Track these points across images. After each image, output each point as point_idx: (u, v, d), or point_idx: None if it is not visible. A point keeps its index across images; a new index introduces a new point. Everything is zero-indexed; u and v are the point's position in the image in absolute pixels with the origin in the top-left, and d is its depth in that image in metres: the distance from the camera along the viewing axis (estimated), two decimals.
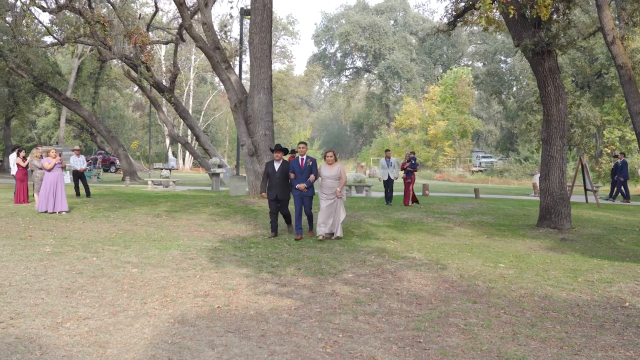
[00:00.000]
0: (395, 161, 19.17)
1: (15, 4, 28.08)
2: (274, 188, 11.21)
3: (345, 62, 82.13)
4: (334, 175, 10.94)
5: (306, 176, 11.09)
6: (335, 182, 10.93)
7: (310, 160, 11.21)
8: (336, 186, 10.89)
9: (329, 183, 10.96)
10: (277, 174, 11.19)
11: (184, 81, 63.64)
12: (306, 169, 11.12)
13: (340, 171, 10.99)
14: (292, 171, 11.18)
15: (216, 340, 5.16)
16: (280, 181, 11.19)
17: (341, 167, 11.09)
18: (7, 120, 42.66)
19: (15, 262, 8.35)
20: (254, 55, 18.80)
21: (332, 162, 11.06)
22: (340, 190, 10.89)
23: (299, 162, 11.23)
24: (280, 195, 11.21)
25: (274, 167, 11.28)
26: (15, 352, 4.74)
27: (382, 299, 6.73)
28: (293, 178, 11.17)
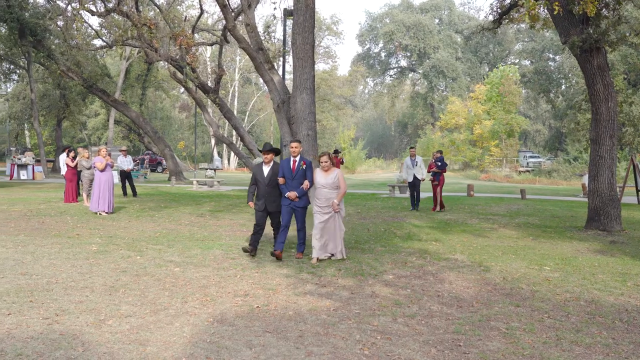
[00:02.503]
0: (421, 160, 17.57)
1: (66, 8, 28.84)
2: (262, 197, 9.20)
3: (390, 62, 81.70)
4: (330, 184, 8.97)
5: (299, 182, 9.02)
6: (332, 191, 9.00)
7: (304, 162, 9.10)
8: (333, 197, 8.98)
9: (324, 193, 8.99)
10: (267, 180, 9.14)
11: (229, 82, 64.34)
12: (299, 173, 9.03)
13: (338, 179, 9.03)
14: (282, 175, 9.08)
15: (254, 340, 5.17)
16: (270, 189, 9.15)
17: (340, 173, 9.12)
18: (59, 122, 43.88)
19: (63, 260, 8.56)
20: (297, 55, 18.80)
21: (329, 168, 9.04)
22: (338, 202, 8.97)
23: (289, 165, 9.07)
24: (270, 206, 9.18)
25: (262, 172, 9.24)
26: (59, 348, 4.84)
27: (423, 301, 6.64)
28: (282, 184, 9.07)
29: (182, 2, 38.98)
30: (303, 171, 9.06)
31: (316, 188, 9.10)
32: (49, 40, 30.99)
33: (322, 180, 9.02)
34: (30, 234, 11.21)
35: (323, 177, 9.04)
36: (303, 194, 9.06)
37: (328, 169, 9.05)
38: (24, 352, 4.73)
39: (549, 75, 63.97)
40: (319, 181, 9.04)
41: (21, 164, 34.25)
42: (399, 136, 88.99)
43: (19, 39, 29.55)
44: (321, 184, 9.02)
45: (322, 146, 64.44)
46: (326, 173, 9.04)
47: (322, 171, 9.07)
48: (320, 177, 9.05)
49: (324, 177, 9.03)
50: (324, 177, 9.03)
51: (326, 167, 9.03)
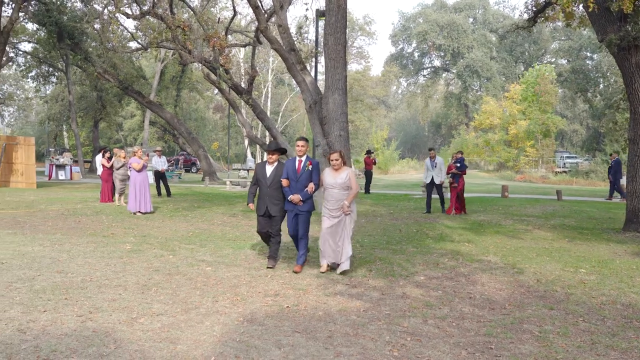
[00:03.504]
0: (441, 162, 16.67)
1: (103, 11, 29.37)
2: (264, 199, 8.39)
3: (423, 62, 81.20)
4: (341, 184, 8.09)
5: (303, 185, 8.19)
6: (343, 192, 8.11)
7: (310, 162, 8.25)
8: (343, 198, 8.10)
9: (334, 194, 8.13)
10: (269, 181, 8.34)
11: (262, 83, 64.69)
12: (304, 174, 8.20)
13: (349, 178, 8.13)
14: (286, 176, 8.25)
15: (283, 339, 5.18)
16: (273, 191, 8.35)
17: (351, 172, 8.23)
18: (96, 123, 44.70)
19: (97, 259, 8.71)
20: (329, 56, 18.82)
21: (339, 167, 8.17)
22: (349, 203, 8.07)
23: (294, 165, 8.26)
24: (272, 210, 8.36)
25: (264, 171, 8.42)
26: (92, 345, 4.92)
27: (454, 302, 6.57)
28: (286, 186, 8.22)
29: (216, 4, 39.35)
30: (309, 172, 8.20)
31: (325, 189, 8.24)
32: (86, 43, 31.59)
33: (332, 181, 8.14)
34: (67, 232, 11.43)
35: (333, 177, 8.16)
36: (308, 198, 8.20)
37: (339, 168, 8.16)
38: (58, 349, 4.82)
39: (587, 74, 62.82)
40: (329, 181, 8.17)
41: (59, 164, 34.99)
42: (432, 136, 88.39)
43: (57, 42, 30.17)
44: (331, 185, 8.15)
45: (355, 147, 64.41)
46: (336, 172, 8.16)
47: (332, 170, 8.21)
48: (330, 177, 8.18)
49: (333, 177, 8.15)
50: (334, 177, 8.14)
51: (337, 166, 8.14)
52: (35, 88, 50.07)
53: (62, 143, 60.86)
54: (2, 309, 5.96)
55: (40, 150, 58.29)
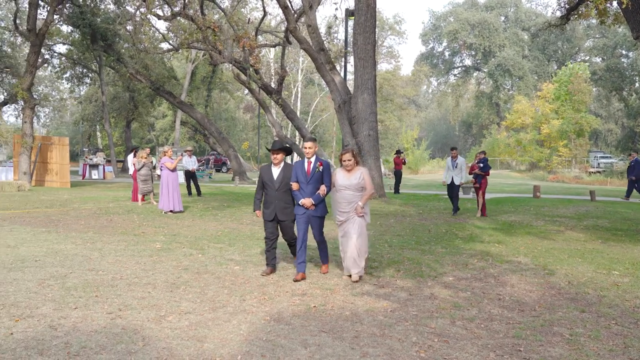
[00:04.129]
0: (462, 162, 15.95)
1: (135, 13, 29.75)
2: (272, 204, 7.86)
3: (454, 61, 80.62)
4: (354, 185, 7.63)
5: (314, 187, 7.67)
6: (356, 194, 7.67)
7: (320, 163, 7.73)
8: (356, 200, 7.65)
9: (347, 196, 7.67)
10: (277, 184, 7.83)
11: (292, 83, 64.86)
12: (314, 176, 7.67)
13: (363, 179, 7.67)
14: (295, 179, 7.75)
15: (309, 339, 5.18)
16: (281, 194, 7.86)
17: (365, 172, 7.79)
18: (128, 123, 45.33)
19: (128, 257, 8.83)
20: (358, 55, 18.83)
21: (352, 167, 7.71)
22: (362, 205, 7.63)
23: (304, 167, 7.73)
24: (281, 215, 7.87)
25: (271, 174, 7.91)
26: (120, 342, 4.99)
27: (483, 303, 6.49)
28: (296, 190, 7.71)
29: (246, 4, 39.58)
30: (320, 174, 7.69)
31: (337, 191, 7.76)
32: (119, 44, 32.07)
33: (345, 182, 7.67)
34: (99, 231, 11.62)
35: (345, 177, 7.68)
36: (320, 201, 7.70)
37: (351, 168, 7.70)
38: (88, 345, 4.89)
39: (622, 72, 61.65)
40: (341, 182, 7.68)
41: (93, 164, 35.59)
42: (463, 136, 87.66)
43: (91, 43, 30.71)
44: (344, 186, 7.67)
45: (385, 146, 64.17)
46: (349, 173, 7.70)
47: (345, 171, 7.73)
48: (342, 177, 7.70)
49: (346, 178, 7.67)
50: (347, 178, 7.67)
51: (349, 166, 7.68)
52: (70, 89, 51.10)
53: (95, 143, 61.86)
54: (35, 305, 6.09)
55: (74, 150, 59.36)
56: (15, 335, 5.13)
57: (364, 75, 18.83)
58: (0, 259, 8.54)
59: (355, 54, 19.06)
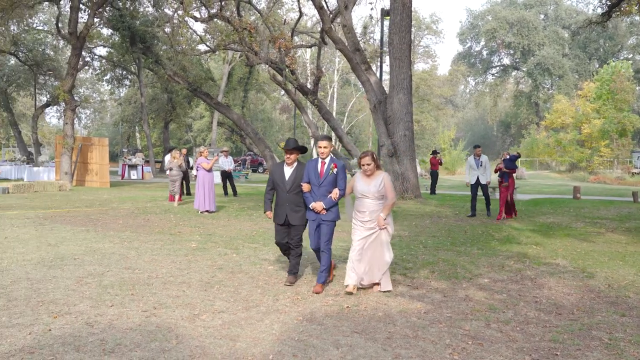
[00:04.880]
0: (486, 161, 15.35)
1: (173, 15, 30.14)
2: (282, 206, 7.30)
3: (492, 60, 79.60)
4: (374, 192, 6.92)
5: (327, 190, 7.06)
6: (378, 202, 6.94)
7: (335, 165, 7.11)
8: (378, 209, 6.93)
9: (367, 204, 6.96)
10: (289, 185, 7.26)
11: (328, 83, 64.90)
12: (328, 178, 7.06)
13: (384, 185, 6.93)
14: (307, 180, 7.14)
15: (342, 340, 5.16)
16: (293, 196, 7.26)
17: (386, 178, 7.00)
18: (166, 124, 45.96)
19: (164, 256, 8.94)
20: (394, 55, 18.73)
21: (372, 172, 6.99)
22: (385, 216, 6.91)
23: (317, 167, 7.13)
24: (293, 218, 7.27)
25: (283, 174, 7.33)
26: (154, 340, 5.05)
27: (519, 306, 6.38)
28: (307, 191, 7.13)
29: (282, 5, 39.72)
30: (333, 176, 7.07)
31: (357, 198, 7.11)
32: (157, 46, 32.50)
33: (364, 188, 6.96)
34: (136, 230, 11.80)
35: (365, 183, 6.98)
36: (332, 205, 7.06)
37: (371, 173, 6.97)
38: (123, 342, 4.96)
39: None
40: (360, 189, 6.99)
41: (131, 164, 36.17)
42: (501, 136, 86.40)
43: (130, 46, 31.17)
44: (362, 193, 6.97)
45: (422, 147, 63.72)
46: (369, 178, 6.98)
47: (364, 176, 7.02)
48: (361, 183, 7.00)
49: (365, 184, 6.96)
50: (366, 184, 6.96)
51: (369, 170, 6.95)
52: (110, 91, 52.06)
53: (134, 144, 62.91)
54: (72, 302, 6.20)
55: (114, 150, 60.45)
56: (53, 331, 5.24)
57: (400, 75, 18.72)
58: (41, 256, 8.75)
59: (391, 54, 18.97)
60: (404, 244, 10.58)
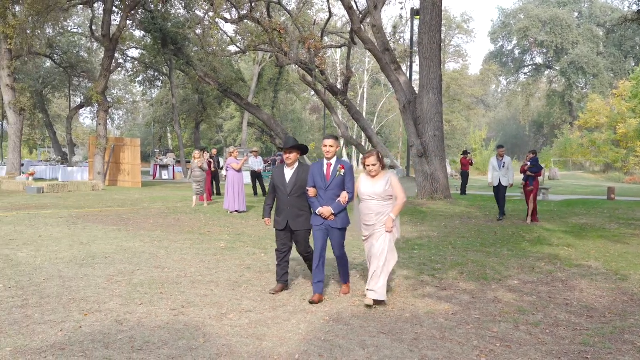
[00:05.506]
0: (509, 162, 14.73)
1: (204, 17, 30.42)
2: (283, 211, 6.81)
3: (524, 59, 78.51)
4: (380, 193, 6.49)
5: (335, 194, 6.55)
6: (384, 204, 6.52)
7: (342, 166, 6.61)
8: (385, 210, 6.50)
9: (373, 206, 6.53)
10: (290, 187, 6.76)
11: (358, 84, 64.83)
12: (335, 181, 6.56)
13: (391, 185, 6.51)
14: (312, 184, 6.63)
15: (368, 340, 5.15)
16: (294, 200, 6.76)
17: (393, 178, 6.57)
18: (197, 125, 46.36)
19: (193, 255, 9.03)
20: (423, 55, 18.62)
21: (377, 173, 6.56)
22: (395, 216, 6.52)
23: (322, 170, 6.63)
24: (294, 224, 6.78)
25: (283, 176, 6.85)
26: (182, 338, 5.10)
27: (549, 308, 6.28)
28: (312, 196, 6.60)
29: (312, 6, 39.80)
30: (341, 178, 6.56)
31: (361, 200, 6.66)
32: (188, 48, 32.81)
33: (369, 189, 6.55)
34: (166, 230, 11.94)
35: (370, 184, 6.56)
36: (341, 210, 6.55)
37: (377, 173, 6.56)
38: (151, 340, 5.03)
39: None
40: (365, 190, 6.57)
41: (163, 164, 36.59)
42: (534, 136, 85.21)
43: (161, 48, 31.53)
44: (368, 194, 6.55)
45: (452, 147, 63.24)
46: (374, 179, 6.56)
47: (369, 176, 6.61)
48: (366, 184, 6.59)
49: (371, 185, 6.55)
50: (372, 185, 6.55)
51: (374, 171, 6.55)
52: (142, 92, 52.70)
53: (166, 144, 63.61)
54: (102, 300, 6.31)
55: (146, 151, 61.25)
56: (84, 328, 5.33)
57: (430, 74, 18.60)
58: (73, 255, 8.91)
59: (421, 54, 18.85)
60: (432, 244, 10.51)
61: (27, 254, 8.99)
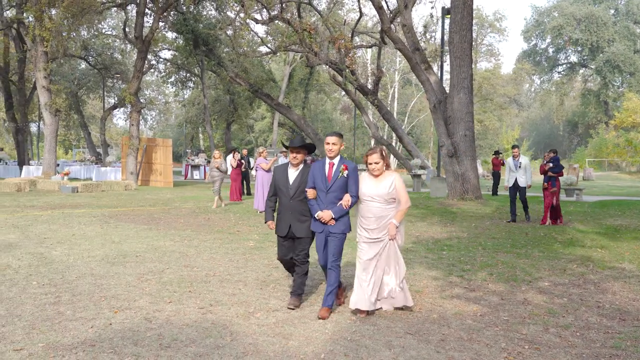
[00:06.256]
0: (527, 162, 14.30)
1: (235, 18, 30.66)
2: (285, 215, 6.27)
3: (558, 58, 77.25)
4: (383, 195, 5.90)
5: (336, 197, 5.97)
6: (387, 207, 5.93)
7: (345, 166, 5.97)
8: (387, 214, 5.92)
9: (374, 209, 5.92)
10: (293, 190, 6.21)
11: (389, 83, 64.57)
12: (337, 182, 5.96)
13: (395, 188, 5.92)
14: (312, 185, 6.07)
15: (394, 341, 5.13)
16: (296, 203, 6.21)
17: (397, 179, 5.97)
18: (228, 125, 46.75)
19: (222, 255, 9.10)
20: (454, 54, 18.47)
21: (381, 172, 5.96)
22: (398, 223, 5.93)
23: (324, 170, 6.05)
24: (298, 230, 6.21)
25: (286, 177, 6.30)
26: (210, 336, 5.14)
27: (580, 311, 6.18)
28: (312, 198, 6.04)
29: (342, 6, 39.79)
30: (344, 180, 5.97)
31: (362, 202, 6.02)
32: (220, 49, 33.11)
33: (371, 190, 5.93)
34: (196, 229, 12.06)
35: (372, 185, 5.96)
36: (342, 215, 5.97)
37: (380, 172, 5.95)
38: (179, 338, 5.08)
39: None
40: (366, 191, 5.95)
41: (194, 164, 36.94)
42: (568, 136, 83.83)
43: (193, 49, 31.87)
44: (369, 195, 5.93)
45: (484, 147, 62.58)
46: (377, 179, 5.97)
47: (371, 176, 6.02)
48: (368, 185, 5.97)
49: (374, 185, 5.94)
50: (374, 186, 5.94)
51: (376, 169, 5.93)
52: (174, 93, 53.31)
53: (197, 144, 64.18)
54: (132, 298, 6.40)
55: (178, 151, 61.94)
56: (114, 325, 5.42)
57: (460, 74, 18.44)
58: (105, 253, 9.06)
59: (452, 53, 18.71)
60: (462, 245, 10.42)
61: (61, 252, 9.17)
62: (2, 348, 4.78)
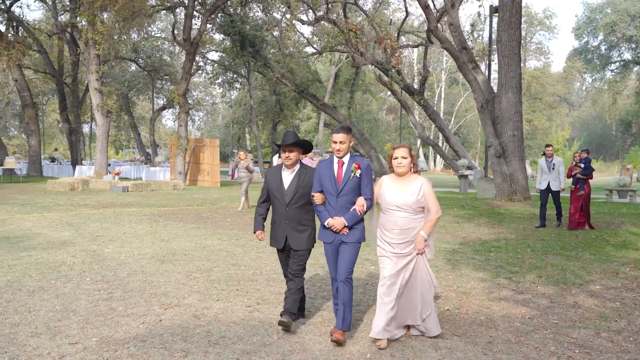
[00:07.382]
0: (560, 163, 13.19)
1: (281, 19, 30.89)
2: (281, 225, 5.50)
3: (611, 55, 75.11)
4: (411, 204, 5.00)
5: (348, 200, 5.11)
6: (414, 217, 5.04)
7: (357, 165, 5.08)
8: (415, 226, 5.03)
9: (399, 220, 5.02)
10: (289, 195, 5.41)
11: (435, 83, 64.00)
12: (348, 184, 5.09)
13: (424, 194, 5.01)
14: (319, 188, 5.22)
15: (441, 342, 5.10)
16: (293, 211, 5.43)
17: (426, 184, 5.04)
18: (274, 125, 47.08)
19: (268, 254, 9.19)
20: (502, 53, 18.20)
21: (406, 172, 5.07)
22: (427, 235, 5.04)
23: (332, 171, 5.17)
24: (295, 241, 5.45)
25: (280, 180, 5.49)
26: (257, 334, 5.22)
27: (633, 315, 6.02)
28: (319, 204, 5.20)
29: (388, 6, 39.63)
30: (356, 181, 5.09)
31: (385, 211, 5.13)
32: (266, 50, 33.38)
33: (397, 198, 5.02)
34: (243, 228, 12.21)
35: (397, 191, 5.04)
36: (356, 222, 5.11)
37: (405, 170, 5.05)
38: (227, 335, 5.17)
39: None
40: (391, 200, 5.04)
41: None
42: (621, 136, 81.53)
43: (240, 50, 32.21)
44: (395, 204, 5.02)
45: (533, 147, 61.39)
46: (402, 184, 5.06)
47: (394, 180, 5.12)
48: (392, 192, 5.06)
49: (398, 193, 5.03)
50: (399, 193, 5.03)
51: (402, 167, 5.04)
52: (222, 94, 53.92)
53: (244, 144, 64.87)
54: (182, 295, 6.53)
55: (224, 151, 62.65)
56: (164, 322, 5.54)
57: (509, 73, 18.15)
58: (155, 251, 9.26)
59: (500, 52, 18.44)
60: (510, 247, 10.27)
61: (113, 249, 9.42)
62: (59, 342, 4.95)
